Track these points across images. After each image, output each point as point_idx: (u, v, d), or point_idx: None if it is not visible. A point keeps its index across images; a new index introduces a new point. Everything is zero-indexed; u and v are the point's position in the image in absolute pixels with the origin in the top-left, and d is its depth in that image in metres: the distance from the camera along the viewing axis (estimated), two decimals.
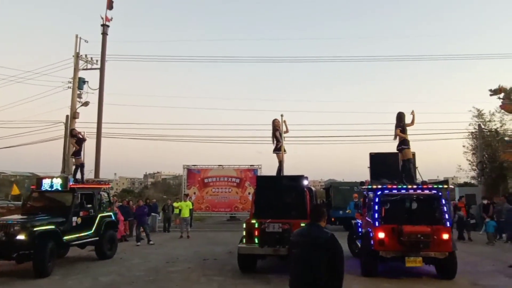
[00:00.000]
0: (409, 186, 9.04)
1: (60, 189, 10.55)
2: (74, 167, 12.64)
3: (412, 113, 9.86)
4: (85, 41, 20.79)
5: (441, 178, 9.68)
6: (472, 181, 29.71)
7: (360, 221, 11.44)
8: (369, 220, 9.48)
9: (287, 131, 11.22)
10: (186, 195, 19.90)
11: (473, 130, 27.46)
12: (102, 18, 20.72)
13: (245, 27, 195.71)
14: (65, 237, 9.84)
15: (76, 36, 20.51)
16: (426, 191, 8.96)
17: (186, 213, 17.25)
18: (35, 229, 8.97)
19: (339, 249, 3.67)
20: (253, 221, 8.97)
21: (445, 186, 9.01)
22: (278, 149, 10.98)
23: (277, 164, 11.06)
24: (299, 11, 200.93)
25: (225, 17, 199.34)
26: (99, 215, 11.35)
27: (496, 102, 19.44)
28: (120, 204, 17.62)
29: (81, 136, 12.84)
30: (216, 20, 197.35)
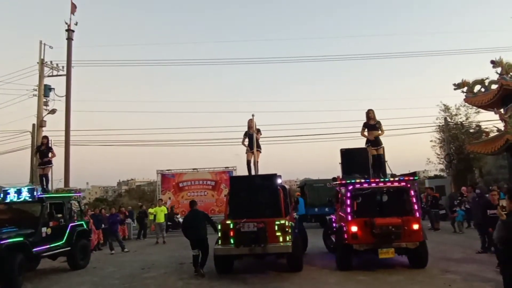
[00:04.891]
0: (379, 180, 9.25)
1: (27, 199, 10.23)
2: (41, 176, 12.22)
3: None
4: (49, 47, 20.40)
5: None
6: (441, 174, 30.66)
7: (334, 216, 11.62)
8: (342, 214, 9.64)
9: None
10: (160, 200, 19.65)
11: (440, 124, 28.37)
12: (66, 23, 20.26)
13: (216, 30, 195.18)
14: (35, 249, 9.53)
15: (40, 42, 20.07)
16: (396, 184, 9.19)
17: (161, 218, 17.06)
18: (2, 242, 8.63)
19: (207, 215, 10.16)
20: (228, 222, 8.95)
21: (413, 178, 9.25)
22: (249, 148, 11.05)
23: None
24: (272, 12, 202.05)
25: (192, 20, 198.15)
26: (70, 224, 11.06)
27: (461, 96, 20.12)
28: (93, 213, 17.20)
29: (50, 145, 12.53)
30: (184, 23, 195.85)
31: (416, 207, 8.94)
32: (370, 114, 10.17)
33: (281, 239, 8.68)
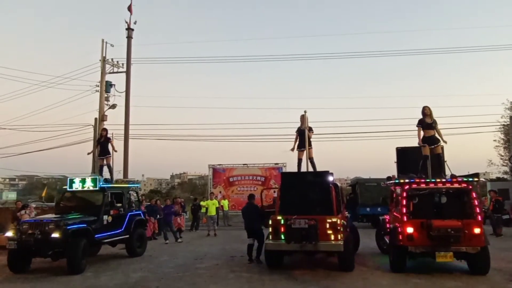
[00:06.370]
0: (438, 180, 8.86)
1: (91, 188, 10.88)
2: (100, 166, 12.87)
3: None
4: (111, 45, 21.33)
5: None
6: (505, 176, 28.71)
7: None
8: (397, 215, 9.34)
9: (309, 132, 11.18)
10: (212, 194, 20.11)
11: (505, 123, 26.56)
12: (126, 22, 21.21)
13: (269, 27, 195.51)
14: (97, 235, 10.15)
15: (102, 41, 21.06)
16: (456, 185, 8.75)
17: (212, 212, 17.47)
18: (68, 227, 9.28)
19: (257, 209, 10.87)
20: (279, 217, 8.99)
21: (475, 179, 8.76)
22: (299, 146, 11.04)
23: (305, 162, 11.02)
24: (322, 9, 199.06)
25: (246, 17, 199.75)
26: (129, 213, 11.63)
27: None
28: (148, 203, 17.96)
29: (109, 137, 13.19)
30: (238, 20, 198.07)
31: (478, 210, 8.47)
32: (426, 110, 9.72)
33: (332, 237, 8.58)
